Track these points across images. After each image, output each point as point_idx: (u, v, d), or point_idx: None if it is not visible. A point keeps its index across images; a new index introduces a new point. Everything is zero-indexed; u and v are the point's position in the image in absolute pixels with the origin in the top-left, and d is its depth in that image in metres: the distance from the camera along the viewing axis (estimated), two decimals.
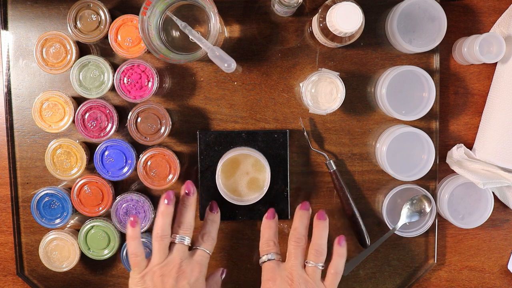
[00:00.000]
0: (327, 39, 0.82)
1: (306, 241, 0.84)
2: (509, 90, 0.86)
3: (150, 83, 0.86)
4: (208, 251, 0.83)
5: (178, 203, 0.84)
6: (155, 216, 0.89)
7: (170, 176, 0.87)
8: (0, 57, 0.91)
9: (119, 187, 0.92)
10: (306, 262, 0.82)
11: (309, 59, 0.90)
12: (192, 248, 0.84)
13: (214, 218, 0.86)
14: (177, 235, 0.82)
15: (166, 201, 0.82)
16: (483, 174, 0.87)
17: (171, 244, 0.82)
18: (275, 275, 0.81)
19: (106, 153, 0.87)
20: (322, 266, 0.82)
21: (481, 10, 0.90)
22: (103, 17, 0.86)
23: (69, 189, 0.90)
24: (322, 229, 0.84)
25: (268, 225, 0.86)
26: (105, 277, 0.93)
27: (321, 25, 0.81)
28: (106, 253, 0.89)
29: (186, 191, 0.84)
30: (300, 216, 0.86)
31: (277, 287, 0.80)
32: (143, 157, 0.87)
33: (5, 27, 0.90)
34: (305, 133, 0.90)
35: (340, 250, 0.84)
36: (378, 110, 0.90)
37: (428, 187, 0.91)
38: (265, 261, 0.83)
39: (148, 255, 0.88)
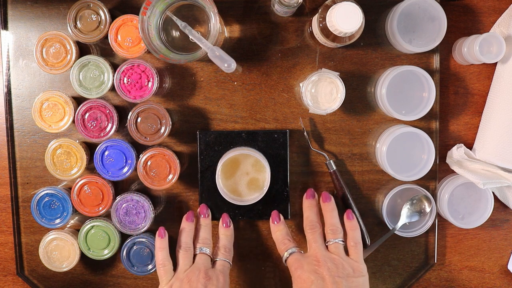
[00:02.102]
0: (327, 39, 0.82)
1: (321, 225, 0.86)
2: (509, 90, 0.86)
3: (150, 83, 0.86)
4: (228, 261, 0.86)
5: (196, 224, 0.89)
6: (154, 216, 0.89)
7: (170, 176, 0.87)
8: (0, 57, 0.91)
9: (119, 187, 0.92)
10: (327, 242, 0.84)
11: (309, 59, 0.90)
12: (212, 260, 0.86)
13: (227, 232, 0.88)
14: (198, 247, 0.86)
15: (187, 220, 0.88)
16: (483, 174, 0.87)
17: (194, 256, 0.86)
18: (302, 263, 0.82)
19: (106, 153, 0.87)
20: (343, 241, 0.84)
21: (481, 10, 0.90)
22: (103, 17, 0.86)
23: (69, 189, 0.90)
24: (330, 210, 0.86)
25: (276, 229, 0.88)
26: (105, 277, 0.93)
27: (321, 25, 0.81)
28: (106, 253, 0.89)
29: (202, 216, 0.89)
30: (309, 206, 0.87)
31: (306, 271, 0.81)
32: (143, 157, 0.87)
33: (5, 27, 0.90)
34: (305, 133, 0.90)
35: (351, 224, 0.86)
36: (378, 110, 0.90)
37: (428, 187, 0.91)
38: (287, 257, 0.84)
39: (149, 254, 0.88)
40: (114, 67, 0.87)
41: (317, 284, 0.79)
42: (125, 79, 0.85)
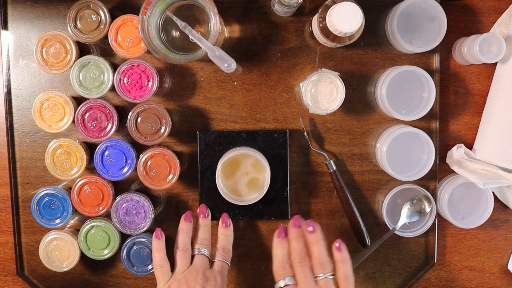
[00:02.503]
0: (327, 39, 0.82)
1: (309, 259, 0.80)
2: (509, 90, 0.86)
3: (150, 83, 0.86)
4: (227, 262, 0.85)
5: (195, 224, 0.88)
6: (154, 216, 0.89)
7: (170, 176, 0.87)
8: (0, 57, 0.91)
9: (119, 187, 0.92)
10: (315, 277, 0.79)
11: (309, 59, 0.90)
12: (210, 261, 0.86)
13: (226, 232, 0.88)
14: (197, 248, 0.85)
15: (185, 220, 0.87)
16: (483, 174, 0.87)
17: (192, 257, 0.85)
18: None
19: (106, 153, 0.87)
20: (332, 275, 0.79)
21: (481, 10, 0.90)
22: (103, 17, 0.86)
23: (69, 189, 0.90)
24: (316, 243, 0.80)
25: (280, 245, 0.81)
26: (105, 277, 0.93)
27: (321, 25, 0.81)
28: (106, 253, 0.89)
29: (201, 215, 0.88)
30: (295, 237, 0.81)
31: None
32: (143, 157, 0.87)
33: (5, 27, 0.90)
34: (305, 133, 0.90)
35: (341, 256, 0.80)
36: (378, 110, 0.90)
37: (428, 187, 0.91)
38: (282, 287, 0.79)
39: (149, 254, 0.88)
40: (114, 67, 0.87)
41: None
42: (125, 79, 0.85)
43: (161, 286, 0.83)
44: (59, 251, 0.89)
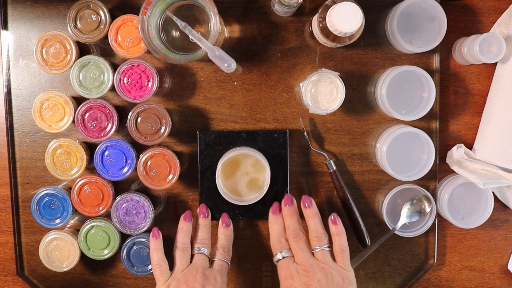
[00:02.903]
0: (327, 39, 0.82)
1: (304, 233, 0.84)
2: (509, 90, 0.86)
3: (150, 83, 0.86)
4: (226, 261, 0.86)
5: (195, 223, 0.88)
6: (154, 216, 0.89)
7: (170, 176, 0.87)
8: (0, 57, 0.91)
9: (119, 187, 0.92)
10: (313, 249, 0.83)
11: (309, 59, 0.90)
12: (210, 260, 0.86)
13: (226, 232, 0.88)
14: (196, 247, 0.85)
15: (184, 219, 0.87)
16: (483, 174, 0.87)
17: (192, 256, 0.85)
18: (292, 272, 0.81)
19: (106, 153, 0.87)
20: (329, 247, 0.83)
21: (481, 10, 0.90)
22: (103, 17, 0.86)
23: (69, 189, 0.90)
24: (312, 217, 0.84)
25: (275, 221, 0.86)
26: (105, 277, 0.93)
27: (321, 25, 0.81)
28: (106, 253, 0.89)
29: (201, 215, 0.88)
30: (289, 214, 0.85)
31: (296, 283, 0.80)
32: (143, 157, 0.87)
33: (5, 27, 0.90)
34: (305, 133, 0.90)
35: (337, 229, 0.84)
36: (378, 110, 0.90)
37: (428, 187, 0.91)
38: (279, 259, 0.83)
39: (148, 255, 0.88)
40: (114, 67, 0.87)
41: None
42: (125, 79, 0.85)
43: (160, 286, 0.83)
44: (59, 251, 0.89)
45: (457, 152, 0.89)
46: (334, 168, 0.89)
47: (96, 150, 0.87)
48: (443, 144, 0.92)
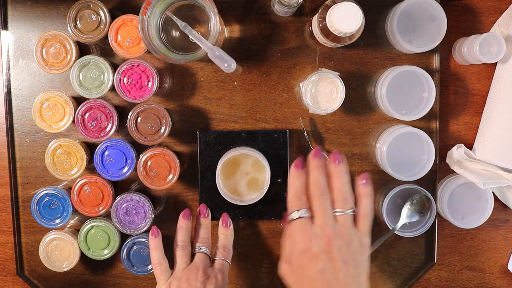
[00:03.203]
0: (327, 39, 0.82)
1: (329, 192, 0.74)
2: (509, 90, 0.86)
3: (150, 83, 0.86)
4: (227, 261, 0.85)
5: (195, 223, 0.88)
6: (154, 216, 0.89)
7: (170, 176, 0.87)
8: (0, 57, 0.91)
9: (119, 187, 0.92)
10: (334, 211, 0.73)
11: (309, 59, 0.90)
12: (211, 260, 0.86)
13: (227, 232, 0.88)
14: (197, 246, 0.85)
15: (184, 218, 0.87)
16: (483, 174, 0.87)
17: (192, 255, 0.85)
18: (310, 235, 0.71)
19: (106, 153, 0.87)
20: (353, 211, 0.73)
21: (481, 10, 0.90)
22: (103, 17, 0.86)
23: (69, 189, 0.90)
24: (341, 174, 0.74)
25: (298, 175, 0.74)
26: (105, 277, 0.93)
27: (321, 25, 0.81)
28: (106, 253, 0.89)
29: (201, 215, 0.88)
30: (316, 167, 0.74)
31: (315, 247, 0.70)
32: (143, 157, 0.87)
33: (5, 27, 0.90)
34: (305, 133, 0.90)
35: (364, 190, 0.74)
36: (378, 110, 0.90)
37: (428, 187, 0.91)
38: (295, 218, 0.73)
39: (148, 254, 0.88)
40: (114, 67, 0.87)
41: (327, 266, 0.69)
42: (125, 79, 0.86)
43: (161, 285, 0.83)
44: (59, 251, 0.89)
45: (457, 152, 0.89)
46: None
47: (96, 150, 0.87)
48: (443, 144, 0.92)
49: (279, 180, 0.89)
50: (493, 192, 0.90)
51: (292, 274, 0.72)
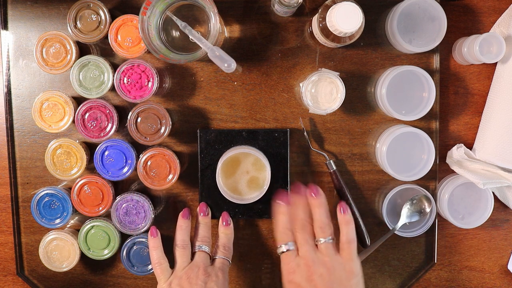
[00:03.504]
0: (327, 39, 0.82)
1: (311, 224, 0.82)
2: (509, 90, 0.86)
3: (150, 83, 0.86)
4: (228, 259, 0.85)
5: (196, 222, 0.88)
6: (154, 216, 0.89)
7: (170, 176, 0.87)
8: (0, 57, 0.91)
9: (119, 187, 0.92)
10: (316, 241, 0.81)
11: (309, 59, 0.90)
12: (211, 258, 0.86)
13: (227, 231, 0.88)
14: (197, 245, 0.85)
15: (183, 217, 0.87)
16: (483, 174, 0.87)
17: (192, 254, 0.85)
18: (293, 266, 0.79)
19: (106, 153, 0.87)
20: (332, 239, 0.81)
21: (481, 10, 0.90)
22: (103, 17, 0.86)
23: (69, 189, 0.90)
24: (318, 206, 0.82)
25: (282, 211, 0.83)
26: (105, 277, 0.93)
27: (321, 25, 0.81)
28: (106, 253, 0.89)
29: (201, 214, 0.88)
30: (296, 202, 0.83)
31: (298, 277, 0.78)
32: (143, 157, 0.87)
33: (5, 27, 0.90)
34: (305, 133, 0.90)
35: (344, 218, 0.82)
36: (378, 110, 0.90)
37: (428, 187, 0.91)
38: (283, 251, 0.81)
39: (148, 254, 0.88)
40: (114, 67, 0.87)
41: None
42: (125, 79, 0.86)
43: (162, 284, 0.83)
44: (59, 251, 0.89)
45: (457, 152, 0.89)
46: (334, 168, 0.89)
47: (96, 150, 0.87)
48: (443, 144, 0.92)
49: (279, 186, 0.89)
50: (493, 192, 0.90)
51: None
